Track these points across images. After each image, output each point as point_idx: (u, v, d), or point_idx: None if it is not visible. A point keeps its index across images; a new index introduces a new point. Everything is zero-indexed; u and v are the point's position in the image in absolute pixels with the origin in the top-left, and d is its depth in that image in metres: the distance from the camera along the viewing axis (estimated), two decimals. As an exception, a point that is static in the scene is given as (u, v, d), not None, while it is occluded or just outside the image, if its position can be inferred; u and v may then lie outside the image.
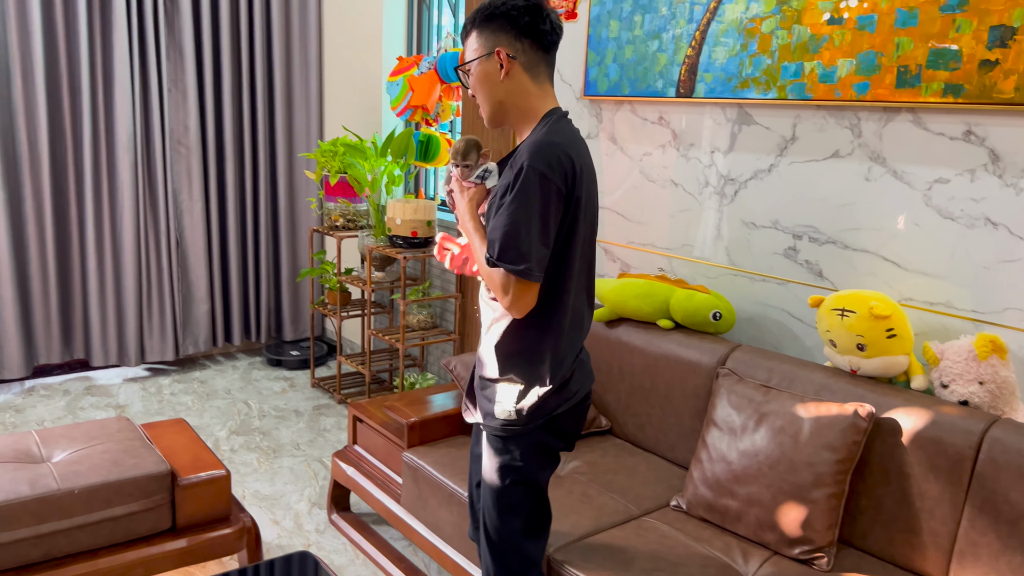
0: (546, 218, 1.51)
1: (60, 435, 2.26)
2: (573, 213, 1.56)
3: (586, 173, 1.59)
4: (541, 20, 1.60)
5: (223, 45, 4.08)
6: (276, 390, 3.96)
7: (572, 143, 1.58)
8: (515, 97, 1.63)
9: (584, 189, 1.58)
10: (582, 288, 1.66)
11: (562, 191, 1.52)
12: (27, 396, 3.73)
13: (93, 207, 3.84)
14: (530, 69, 1.62)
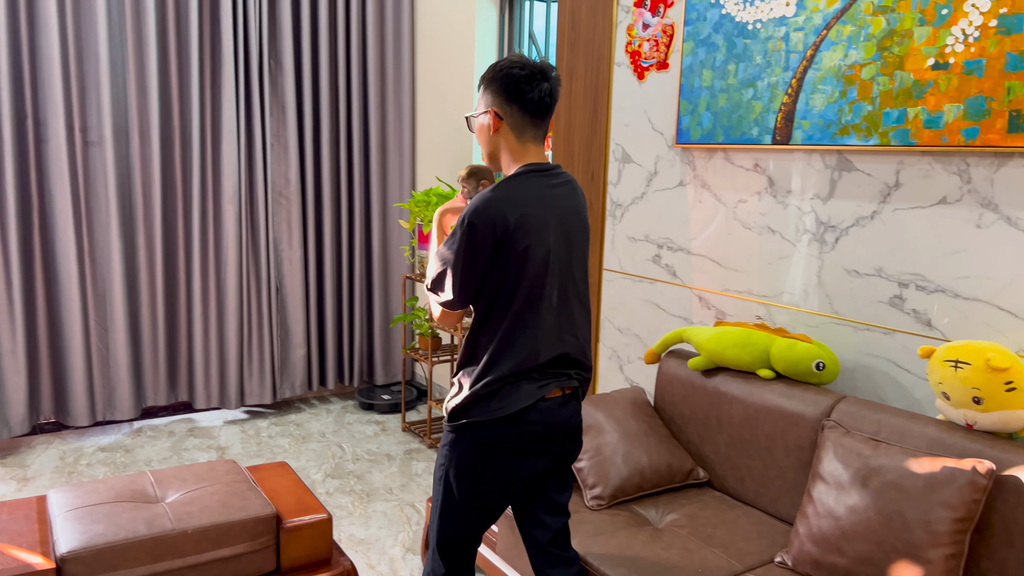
0: (470, 259, 1.75)
1: (172, 476, 2.36)
2: (505, 254, 1.76)
3: (525, 217, 1.76)
4: (530, 89, 1.80)
5: (322, 101, 4.27)
6: (368, 434, 4.03)
7: (513, 197, 1.76)
8: (500, 150, 1.87)
9: (520, 236, 1.75)
10: (525, 320, 1.81)
11: (488, 238, 1.73)
12: (136, 436, 3.90)
13: (200, 256, 4.04)
14: (516, 129, 1.83)
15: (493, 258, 1.76)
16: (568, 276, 1.88)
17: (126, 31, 3.75)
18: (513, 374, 1.80)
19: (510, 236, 1.74)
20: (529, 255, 1.78)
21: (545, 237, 1.80)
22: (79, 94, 3.69)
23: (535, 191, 1.81)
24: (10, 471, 3.47)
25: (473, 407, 1.81)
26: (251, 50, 4.00)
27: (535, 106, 1.81)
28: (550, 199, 1.83)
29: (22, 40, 3.56)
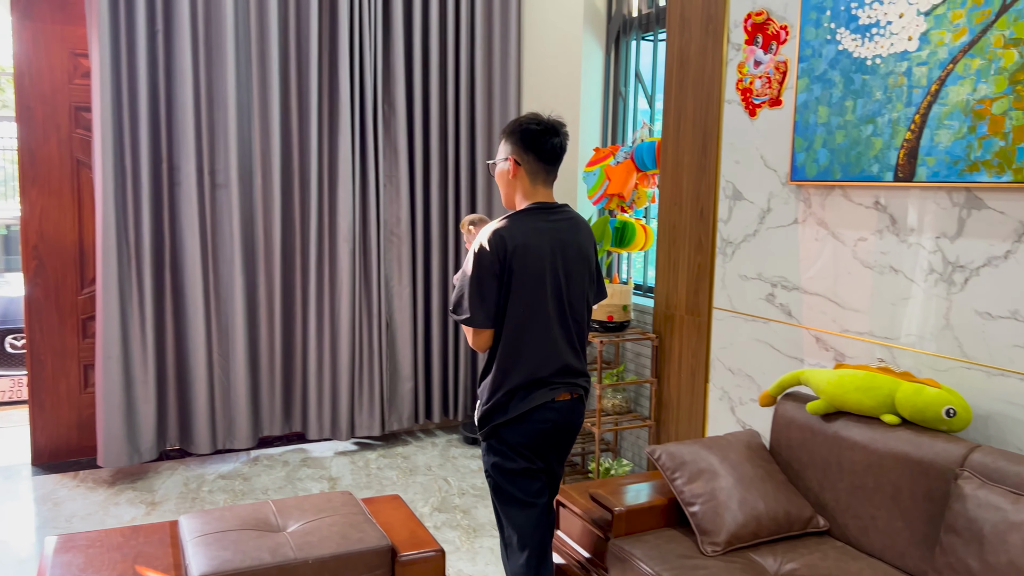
0: (479, 281, 2.11)
1: (293, 506, 2.45)
2: (503, 276, 2.12)
3: (529, 248, 2.12)
4: (545, 142, 2.20)
5: (432, 143, 4.41)
6: (473, 468, 4.07)
7: (514, 228, 2.14)
8: (516, 191, 2.25)
9: (519, 261, 2.11)
10: (528, 336, 2.15)
11: (485, 264, 2.11)
12: (253, 465, 4.07)
13: (315, 292, 4.21)
14: (530, 174, 2.22)
15: (501, 280, 2.12)
16: (567, 300, 2.21)
17: (252, 79, 3.99)
18: (525, 384, 2.16)
19: (509, 261, 2.11)
20: (527, 279, 2.13)
21: (541, 264, 2.15)
22: (209, 140, 3.93)
23: (535, 224, 2.17)
24: (140, 495, 3.66)
25: (495, 413, 2.18)
26: (366, 96, 4.17)
27: (548, 155, 2.22)
28: (548, 232, 2.18)
29: (160, 91, 3.83)
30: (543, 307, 2.16)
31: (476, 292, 2.12)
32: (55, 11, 3.89)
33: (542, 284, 2.15)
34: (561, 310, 2.19)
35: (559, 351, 2.18)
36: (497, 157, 2.29)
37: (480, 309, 2.12)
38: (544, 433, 2.18)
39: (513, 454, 2.19)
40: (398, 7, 4.22)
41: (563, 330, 2.20)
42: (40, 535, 3.26)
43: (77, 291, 4.03)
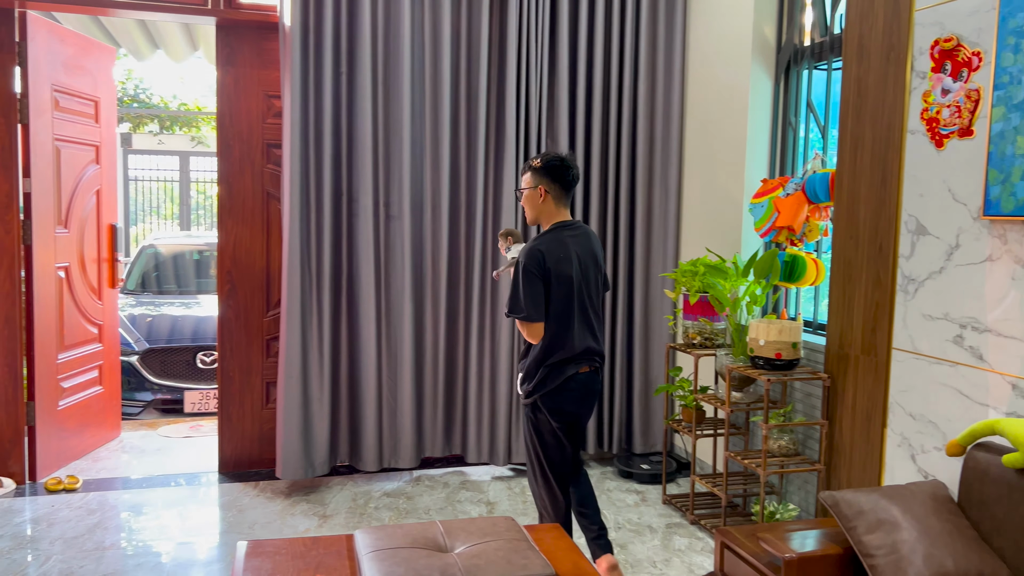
0: (528, 286, 2.79)
1: (459, 528, 2.52)
2: (545, 282, 2.81)
3: (561, 259, 2.82)
4: (567, 174, 2.93)
5: (592, 175, 4.46)
6: (629, 503, 4.03)
7: (548, 243, 2.84)
8: (543, 214, 2.96)
9: (554, 268, 2.80)
10: (564, 325, 2.84)
11: (533, 272, 2.79)
12: (415, 485, 4.22)
13: (477, 319, 4.34)
14: (555, 199, 2.94)
15: (544, 285, 2.80)
16: (587, 295, 2.91)
17: (425, 116, 4.20)
18: (560, 361, 2.85)
19: (548, 269, 2.80)
20: (561, 282, 2.82)
21: (569, 270, 2.84)
22: (384, 174, 4.17)
23: (561, 239, 2.88)
24: (312, 507, 3.89)
25: (540, 386, 2.86)
26: (531, 129, 4.29)
27: (568, 185, 2.95)
28: (572, 244, 2.89)
29: (342, 128, 4.11)
30: (571, 303, 2.86)
31: (529, 296, 2.79)
32: (253, 58, 4.27)
33: (571, 285, 2.85)
34: (583, 304, 2.89)
35: (583, 336, 2.88)
36: (524, 186, 2.98)
37: (534, 309, 2.80)
38: (574, 397, 2.89)
39: (553, 413, 2.88)
40: (563, 42, 4.32)
41: (584, 319, 2.90)
42: (225, 539, 3.53)
43: (263, 313, 4.36)
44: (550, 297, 2.81)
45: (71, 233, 4.45)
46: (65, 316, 4.41)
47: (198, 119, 12.94)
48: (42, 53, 4.14)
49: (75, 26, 5.61)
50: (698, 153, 4.44)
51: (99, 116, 4.69)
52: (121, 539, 3.52)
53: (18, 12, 4.01)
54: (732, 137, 4.09)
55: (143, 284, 6.74)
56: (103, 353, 4.80)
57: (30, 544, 3.43)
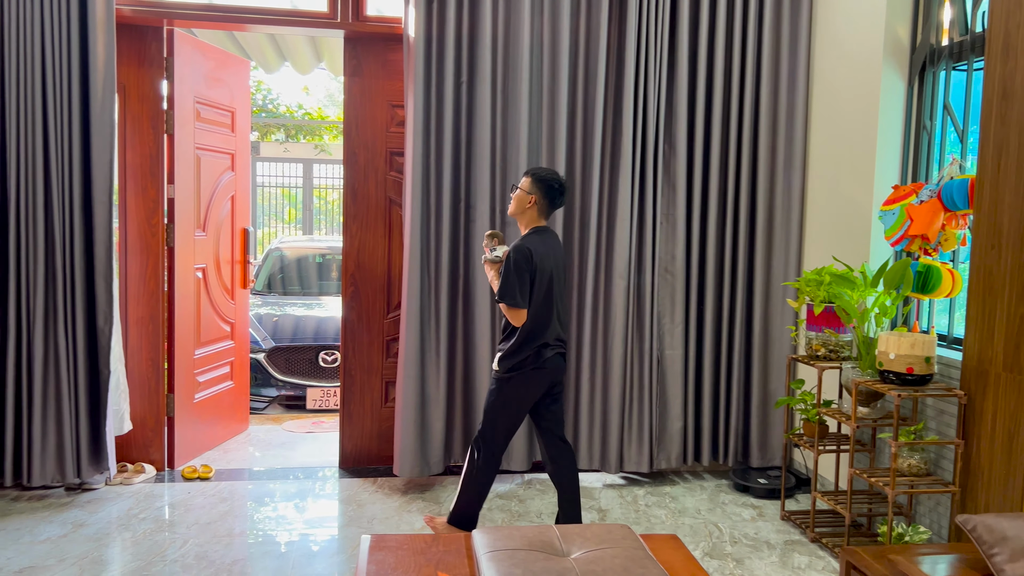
0: (519, 277, 3.26)
1: (575, 533, 2.53)
2: (531, 276, 3.28)
3: (544, 256, 3.33)
4: (559, 194, 3.43)
5: (711, 180, 4.38)
6: (745, 517, 3.93)
7: (534, 243, 3.33)
8: (527, 215, 3.43)
9: (539, 264, 3.29)
10: (543, 315, 3.34)
11: (523, 266, 3.27)
12: (527, 488, 4.26)
13: (590, 325, 4.34)
14: (541, 208, 3.42)
15: (531, 278, 3.28)
16: (560, 289, 3.44)
17: (542, 123, 4.24)
18: (540, 345, 3.35)
19: (534, 265, 3.29)
20: (543, 277, 3.32)
21: (549, 267, 3.35)
22: (502, 180, 4.23)
23: (544, 241, 3.38)
24: (428, 505, 3.98)
25: (521, 365, 3.34)
26: (648, 135, 4.26)
27: (555, 204, 3.45)
28: (549, 245, 3.40)
29: (462, 136, 4.21)
30: (551, 295, 3.37)
31: (518, 286, 3.27)
32: (378, 68, 4.43)
33: (550, 280, 3.36)
34: (557, 297, 3.41)
35: (556, 325, 3.40)
36: (521, 187, 3.44)
37: (521, 297, 3.28)
38: (547, 375, 3.39)
39: (524, 389, 3.38)
40: (683, 47, 4.27)
41: (556, 310, 3.41)
42: (344, 532, 3.66)
43: (384, 315, 4.51)
44: (533, 289, 3.30)
45: (208, 236, 4.74)
46: (202, 314, 4.69)
47: (321, 128, 13.49)
48: (186, 67, 4.42)
49: (210, 40, 5.97)
50: (823, 158, 4.29)
51: (235, 126, 4.98)
52: (248, 527, 3.71)
53: (166, 30, 4.30)
54: (860, 141, 3.94)
55: (269, 285, 7.08)
56: (234, 350, 5.08)
57: (168, 528, 3.66)
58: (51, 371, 3.89)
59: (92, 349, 3.99)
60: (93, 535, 3.54)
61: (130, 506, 3.90)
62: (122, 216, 4.30)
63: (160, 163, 4.31)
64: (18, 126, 3.80)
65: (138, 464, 4.35)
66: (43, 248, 3.85)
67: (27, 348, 3.87)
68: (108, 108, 3.90)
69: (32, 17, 3.77)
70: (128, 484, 4.19)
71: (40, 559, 3.29)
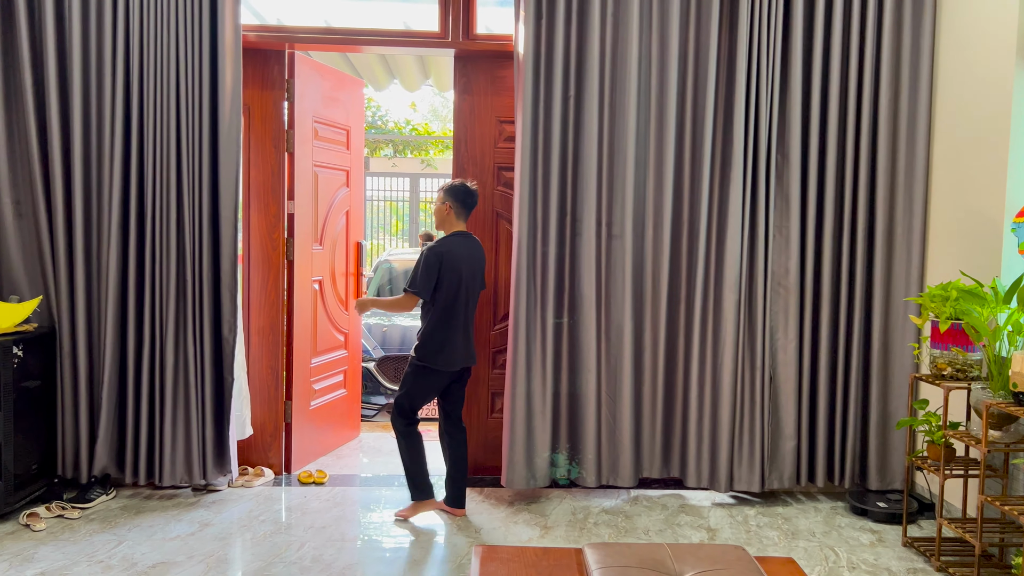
0: (425, 271, 3.79)
1: (687, 552, 2.49)
2: (439, 275, 3.79)
3: (454, 258, 3.83)
4: (467, 198, 3.96)
5: (827, 192, 4.24)
6: (863, 542, 3.77)
7: (447, 245, 3.86)
8: (446, 223, 3.97)
9: (444, 260, 3.81)
10: (452, 311, 3.85)
11: (432, 264, 3.79)
12: (633, 504, 4.22)
13: (699, 340, 4.26)
14: (456, 214, 3.94)
15: (439, 274, 3.79)
16: (470, 289, 3.89)
17: (649, 135, 4.21)
18: (448, 335, 3.85)
19: (444, 265, 3.79)
20: (451, 277, 3.80)
21: (460, 268, 3.82)
22: (608, 194, 4.22)
23: (457, 243, 3.88)
24: (533, 518, 4.00)
25: (428, 354, 3.86)
26: (760, 146, 4.17)
27: (467, 206, 3.96)
28: (464, 249, 3.88)
29: (569, 150, 4.23)
30: (458, 293, 3.84)
31: (424, 278, 3.79)
32: (487, 85, 4.51)
33: (459, 279, 3.83)
34: (466, 295, 3.88)
35: (459, 318, 3.86)
36: (436, 200, 4.00)
37: (423, 288, 3.80)
38: (456, 361, 3.90)
39: (434, 376, 3.88)
40: (797, 53, 4.16)
41: (467, 310, 3.91)
42: (452, 541, 3.72)
43: (490, 327, 4.57)
44: (441, 285, 3.80)
45: (324, 250, 4.93)
46: (318, 324, 4.87)
47: (427, 142, 13.81)
48: (305, 88, 4.63)
49: (324, 61, 6.22)
50: (948, 166, 4.09)
51: (350, 143, 5.17)
52: (360, 532, 3.82)
53: (287, 53, 4.51)
54: (991, 149, 3.73)
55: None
56: (348, 359, 5.25)
57: (286, 530, 3.81)
58: (180, 378, 4.13)
59: (217, 357, 4.21)
60: (218, 534, 3.73)
61: (251, 508, 4.08)
62: (246, 231, 4.53)
63: (281, 180, 4.52)
64: (155, 150, 4.06)
65: (258, 468, 4.56)
66: (175, 262, 4.10)
67: (159, 356, 4.12)
68: (235, 129, 4.13)
69: (168, 45, 4.03)
70: (249, 487, 4.39)
71: (171, 555, 3.49)
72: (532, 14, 4.13)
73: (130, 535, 3.70)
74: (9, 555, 3.46)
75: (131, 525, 3.82)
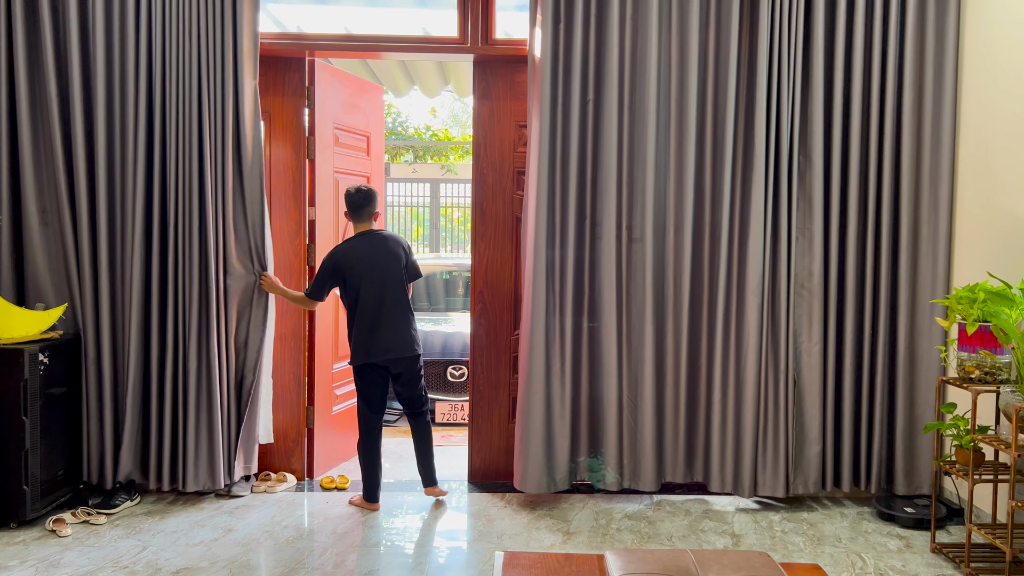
0: (322, 275, 4.07)
1: (711, 559, 2.46)
2: (342, 276, 4.04)
3: (346, 258, 4.05)
4: (353, 199, 4.15)
5: (850, 194, 4.19)
6: (891, 548, 3.71)
7: (338, 247, 4.12)
8: (349, 226, 4.22)
9: (338, 264, 4.04)
10: (357, 309, 4.06)
11: (325, 268, 4.05)
12: (656, 510, 4.19)
13: (721, 343, 4.23)
14: (352, 217, 4.17)
15: (332, 278, 4.06)
16: (384, 286, 4.05)
17: (670, 138, 4.19)
18: (358, 334, 4.07)
19: (338, 267, 4.03)
20: (351, 276, 4.02)
21: (358, 267, 4.01)
22: (628, 197, 4.20)
23: (353, 245, 4.10)
24: (556, 523, 3.99)
25: (352, 353, 4.11)
26: (782, 148, 4.13)
27: (354, 207, 4.15)
28: (364, 248, 4.07)
29: (587, 154, 4.21)
30: (361, 289, 4.02)
31: (317, 280, 4.06)
32: (506, 90, 4.52)
33: (362, 277, 4.01)
34: (381, 294, 4.04)
35: (379, 318, 4.04)
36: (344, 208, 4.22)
37: (315, 289, 4.08)
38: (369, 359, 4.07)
39: (360, 372, 4.11)
40: (818, 55, 4.12)
41: (384, 306, 4.05)
42: (475, 547, 3.71)
43: (511, 331, 4.57)
44: (347, 285, 4.00)
45: (345, 255, 4.94)
46: (339, 330, 4.89)
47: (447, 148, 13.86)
48: (326, 95, 4.65)
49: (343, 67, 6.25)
50: (974, 168, 4.03)
51: (370, 150, 5.19)
52: (382, 538, 3.82)
53: (307, 60, 4.54)
54: (1018, 149, 3.67)
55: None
56: (368, 365, 5.26)
57: (308, 536, 3.82)
58: (204, 384, 4.15)
59: (240, 364, 4.24)
60: (241, 540, 3.75)
61: (273, 513, 4.10)
62: (267, 237, 4.56)
63: (302, 187, 4.55)
64: (177, 158, 4.10)
65: (280, 473, 4.58)
66: (198, 268, 4.12)
67: (183, 363, 4.14)
68: (256, 137, 4.16)
69: (190, 54, 4.07)
70: (271, 492, 4.41)
71: (195, 561, 3.51)
72: (550, 18, 4.12)
73: (154, 541, 3.73)
74: (36, 560, 3.49)
75: (155, 531, 3.85)
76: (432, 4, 4.74)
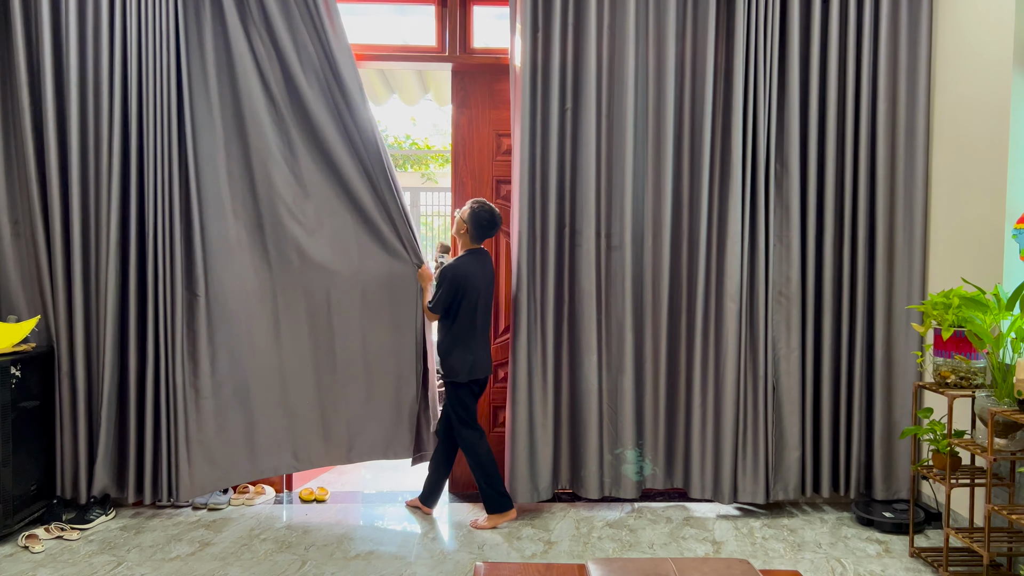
0: (450, 292, 4.00)
1: (692, 567, 2.46)
2: (456, 292, 4.00)
3: (469, 277, 4.01)
4: (487, 231, 4.09)
5: (827, 201, 4.23)
6: (870, 553, 3.73)
7: (461, 264, 4.04)
8: (462, 240, 4.15)
9: (463, 282, 3.99)
10: (468, 324, 4.04)
11: (456, 284, 3.99)
12: (637, 517, 4.18)
13: (700, 350, 4.24)
14: (472, 236, 4.09)
15: (459, 292, 3.98)
16: (487, 306, 4.09)
17: (647, 146, 4.21)
18: (471, 355, 4.04)
19: (456, 282, 3.99)
20: (467, 293, 3.99)
21: (477, 284, 4.01)
22: (607, 205, 4.21)
23: (469, 262, 4.05)
24: (537, 532, 3.97)
25: (460, 371, 4.03)
26: (759, 155, 4.16)
27: (483, 232, 4.07)
28: (479, 266, 4.05)
29: (567, 162, 4.22)
30: (475, 308, 4.02)
31: (445, 297, 4.00)
32: (485, 99, 4.51)
33: (476, 297, 4.01)
34: (485, 311, 4.08)
35: (482, 334, 4.09)
36: (461, 214, 4.11)
37: (442, 306, 4.03)
38: (478, 370, 4.07)
39: (470, 392, 4.09)
40: (794, 62, 4.16)
41: (483, 322, 4.08)
42: (455, 557, 3.68)
43: (492, 340, 4.54)
44: (463, 302, 3.99)
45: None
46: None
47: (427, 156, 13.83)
48: (303, 105, 4.61)
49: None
50: (948, 174, 4.08)
51: (348, 159, 5.14)
52: (363, 549, 3.78)
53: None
54: (990, 156, 3.72)
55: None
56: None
57: (287, 548, 3.78)
58: (191, 396, 4.07)
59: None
60: (218, 554, 3.70)
61: (252, 526, 4.05)
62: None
63: (279, 196, 4.50)
64: (155, 167, 4.03)
65: (259, 486, 4.53)
66: (182, 279, 4.03)
67: (166, 374, 4.04)
68: (232, 146, 4.12)
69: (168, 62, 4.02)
70: (250, 505, 4.36)
71: None
72: (529, 27, 4.13)
73: (129, 556, 3.67)
74: (8, 577, 3.43)
75: (131, 546, 3.79)
76: (411, 13, 4.73)
